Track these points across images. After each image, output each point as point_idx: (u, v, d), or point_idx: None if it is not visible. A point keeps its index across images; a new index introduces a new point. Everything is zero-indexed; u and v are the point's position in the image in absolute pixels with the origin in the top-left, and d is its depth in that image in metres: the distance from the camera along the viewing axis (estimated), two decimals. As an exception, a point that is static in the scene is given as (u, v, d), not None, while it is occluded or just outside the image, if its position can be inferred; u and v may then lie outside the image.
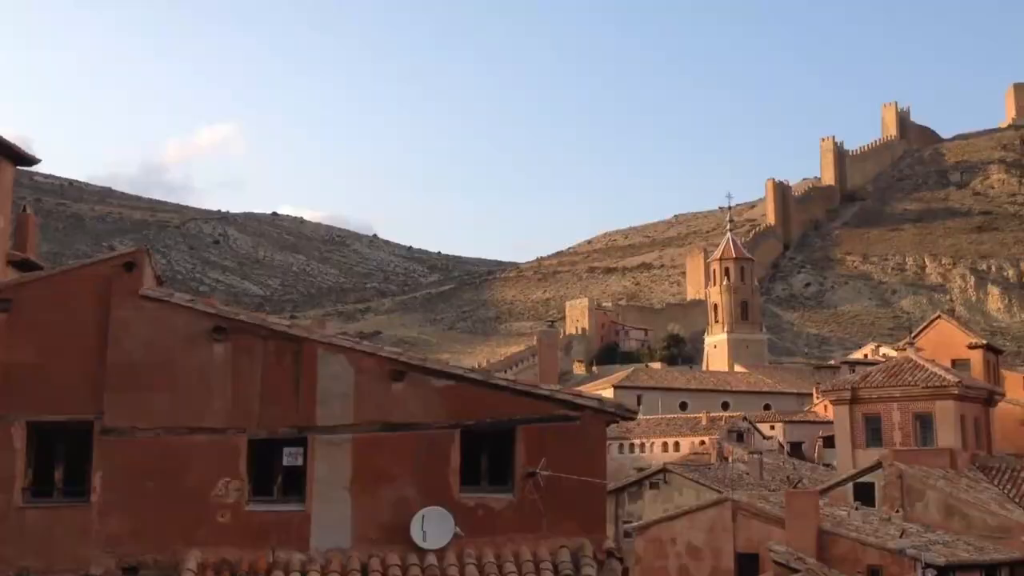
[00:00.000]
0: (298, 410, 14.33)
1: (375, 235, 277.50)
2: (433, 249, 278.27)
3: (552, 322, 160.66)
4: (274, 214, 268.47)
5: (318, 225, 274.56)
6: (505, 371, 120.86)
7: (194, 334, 14.50)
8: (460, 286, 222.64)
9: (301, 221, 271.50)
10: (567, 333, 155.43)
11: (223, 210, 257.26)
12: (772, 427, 70.67)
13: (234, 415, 14.31)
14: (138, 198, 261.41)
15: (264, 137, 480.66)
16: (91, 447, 14.30)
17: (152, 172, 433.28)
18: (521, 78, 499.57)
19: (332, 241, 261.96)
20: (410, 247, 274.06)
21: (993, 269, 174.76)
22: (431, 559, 13.84)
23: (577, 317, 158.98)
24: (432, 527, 13.84)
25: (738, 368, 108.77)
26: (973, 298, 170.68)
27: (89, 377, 14.37)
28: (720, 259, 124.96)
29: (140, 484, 14.16)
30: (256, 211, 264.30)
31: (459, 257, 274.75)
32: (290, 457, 14.30)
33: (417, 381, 14.46)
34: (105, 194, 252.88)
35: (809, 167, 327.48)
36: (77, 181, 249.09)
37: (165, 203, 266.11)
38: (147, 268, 14.89)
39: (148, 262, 14.95)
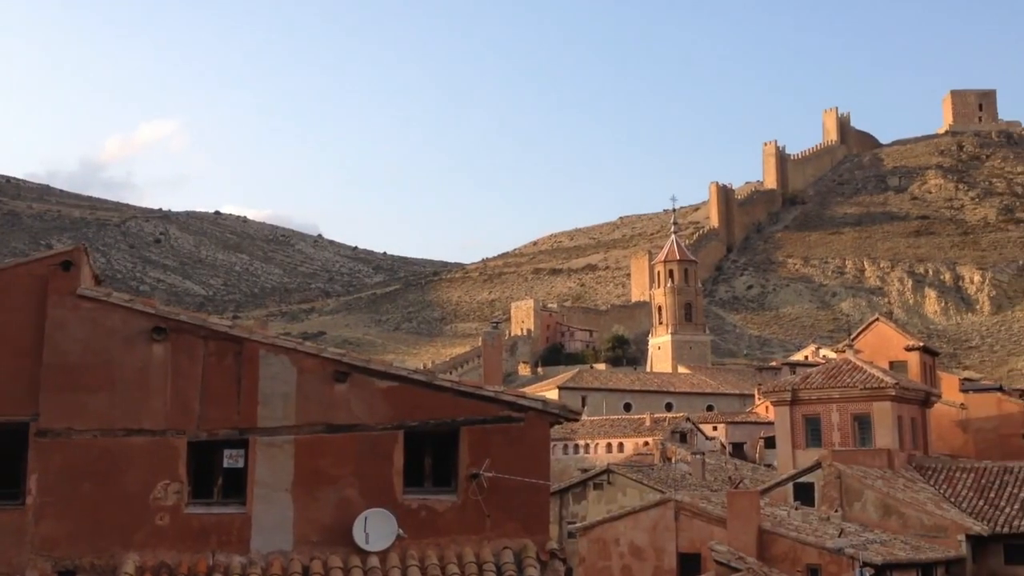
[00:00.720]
0: (239, 411, 14.17)
1: (320, 235, 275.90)
2: (379, 249, 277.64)
3: (497, 323, 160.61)
4: (217, 213, 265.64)
5: (262, 224, 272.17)
6: (450, 372, 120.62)
7: (133, 334, 14.28)
8: (405, 287, 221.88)
9: (244, 220, 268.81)
10: (512, 334, 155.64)
11: (164, 208, 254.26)
12: (715, 428, 71.25)
13: (173, 416, 14.12)
14: (77, 196, 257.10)
15: (207, 135, 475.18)
16: (26, 449, 14.01)
17: (92, 169, 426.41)
18: (467, 79, 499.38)
19: (276, 240, 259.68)
20: (355, 247, 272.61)
21: (930, 272, 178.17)
22: (373, 561, 13.77)
23: (522, 318, 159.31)
24: (375, 529, 13.76)
25: (682, 369, 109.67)
26: (911, 301, 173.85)
27: (24, 377, 14.08)
28: (664, 261, 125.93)
29: (77, 486, 13.91)
30: (198, 210, 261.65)
31: (405, 258, 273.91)
32: (230, 459, 14.14)
33: (360, 382, 14.37)
34: (43, 191, 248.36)
35: (752, 171, 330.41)
36: (14, 178, 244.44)
37: (105, 201, 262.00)
38: (85, 267, 14.64)
39: (86, 261, 14.70)
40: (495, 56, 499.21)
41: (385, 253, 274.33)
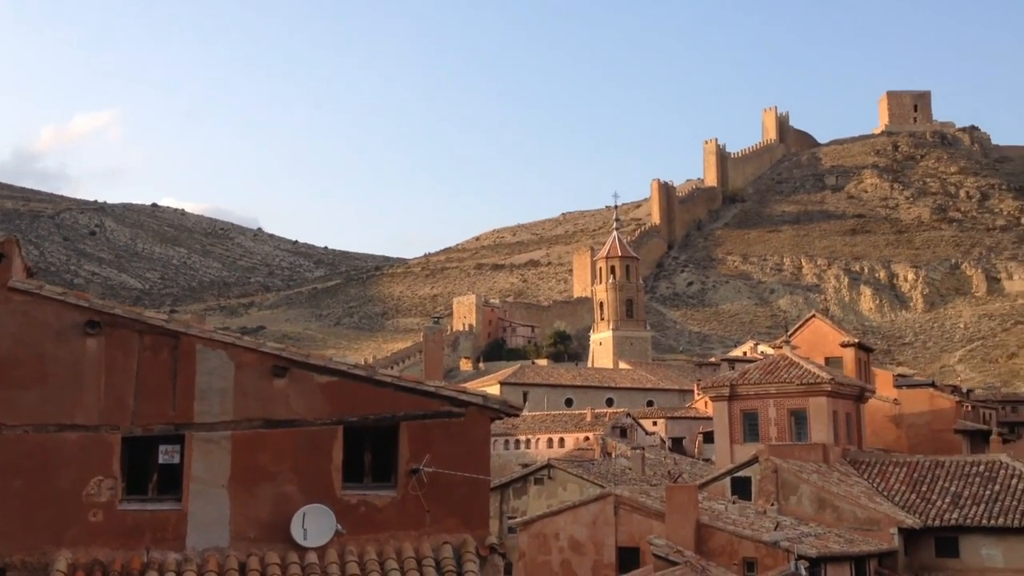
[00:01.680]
0: (175, 407, 13.97)
1: (260, 228, 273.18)
2: (319, 243, 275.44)
3: (438, 318, 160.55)
4: (154, 205, 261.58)
5: (200, 217, 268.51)
6: (391, 367, 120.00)
7: (66, 328, 14.01)
8: (347, 281, 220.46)
9: (182, 213, 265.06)
10: (454, 330, 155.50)
11: (100, 200, 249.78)
12: (655, 423, 71.79)
13: (107, 412, 13.87)
14: (9, 187, 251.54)
15: (144, 126, 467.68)
16: (-46, 445, 13.67)
17: (25, 160, 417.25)
18: (410, 74, 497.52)
19: (215, 234, 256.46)
20: (296, 241, 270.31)
21: (865, 270, 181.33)
22: (312, 557, 13.66)
23: (464, 314, 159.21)
24: (313, 525, 13.66)
25: (622, 365, 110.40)
26: (846, 298, 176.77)
27: (-48, 372, 13.75)
28: (606, 257, 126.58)
29: (7, 483, 13.61)
30: (135, 202, 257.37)
31: (346, 252, 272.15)
32: (166, 455, 13.94)
33: (299, 377, 14.24)
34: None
35: (693, 168, 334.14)
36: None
37: (38, 192, 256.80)
38: (17, 259, 14.31)
39: (18, 253, 14.38)
40: (439, 51, 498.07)
41: (326, 247, 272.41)
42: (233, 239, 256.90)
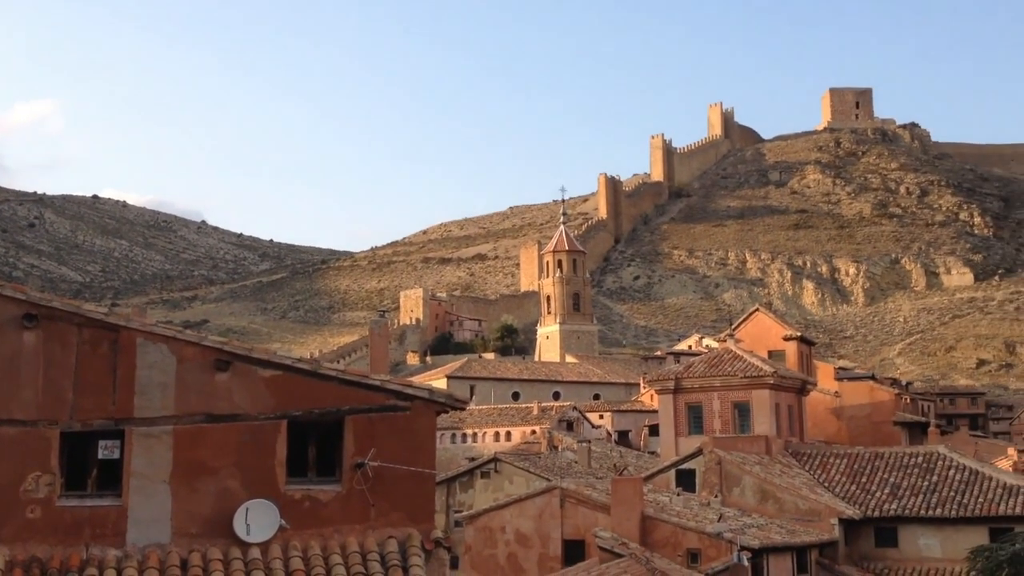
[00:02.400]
0: (115, 401, 13.76)
1: (204, 221, 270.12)
2: (265, 236, 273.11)
3: (384, 312, 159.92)
4: (95, 197, 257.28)
5: (142, 209, 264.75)
6: (338, 361, 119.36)
7: (3, 321, 13.73)
8: (293, 275, 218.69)
9: (124, 205, 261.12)
10: (401, 323, 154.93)
11: (39, 192, 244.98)
12: (601, 416, 72.17)
13: (45, 406, 13.62)
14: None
15: (85, 115, 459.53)
16: None
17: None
18: (358, 64, 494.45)
19: (157, 226, 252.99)
20: (240, 234, 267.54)
21: (808, 265, 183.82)
22: (255, 553, 13.55)
23: (411, 307, 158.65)
24: (256, 520, 13.54)
25: (569, 359, 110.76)
26: (789, 292, 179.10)
27: None
28: (553, 251, 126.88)
29: (-59, 480, 13.32)
30: (75, 193, 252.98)
31: (292, 245, 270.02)
32: (106, 450, 13.73)
33: (242, 371, 14.10)
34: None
35: (640, 163, 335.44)
36: None
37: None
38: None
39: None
40: (387, 43, 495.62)
41: (272, 240, 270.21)
42: (176, 232, 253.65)
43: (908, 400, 69.72)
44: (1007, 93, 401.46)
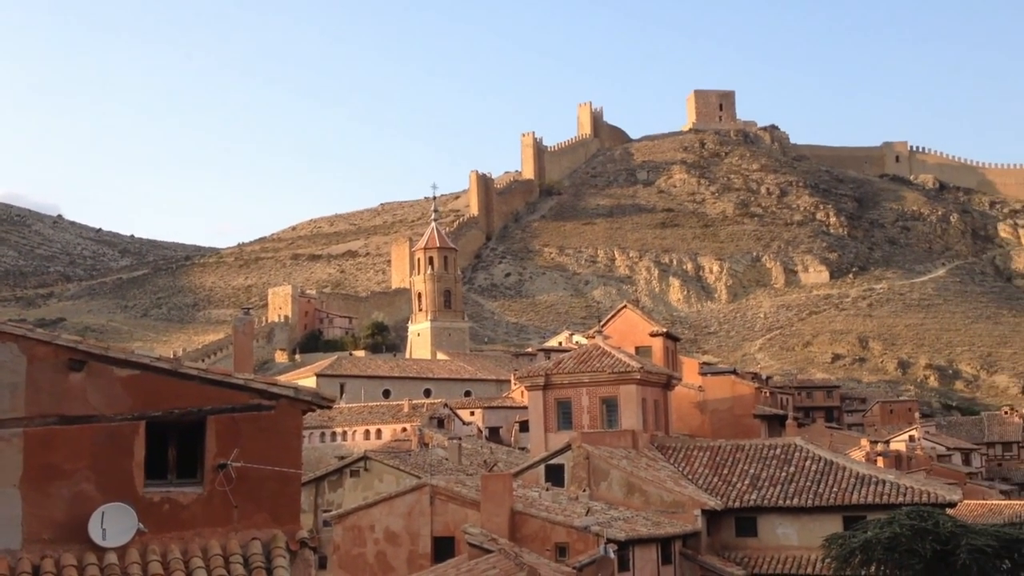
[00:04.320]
0: (-40, 403, 13.11)
1: (60, 215, 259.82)
2: (125, 232, 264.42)
3: (249, 309, 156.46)
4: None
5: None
6: (202, 360, 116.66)
7: None
8: (155, 271, 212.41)
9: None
10: (269, 321, 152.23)
11: None
12: (472, 413, 72.37)
13: None
14: None
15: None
16: None
17: None
18: (226, 55, 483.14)
19: (10, 221, 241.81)
20: (99, 229, 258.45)
21: (674, 263, 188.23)
22: (111, 558, 13.11)
23: (280, 305, 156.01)
24: (112, 524, 13.10)
25: (440, 356, 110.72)
26: (656, 289, 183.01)
27: None
28: (425, 248, 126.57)
29: None
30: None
31: (154, 241, 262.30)
32: (-50, 455, 13.07)
33: (98, 371, 13.61)
34: None
35: (511, 161, 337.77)
36: None
37: None
38: None
39: None
40: (255, 31, 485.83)
41: (132, 236, 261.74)
42: (30, 226, 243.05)
43: (768, 394, 72.17)
44: (861, 98, 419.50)
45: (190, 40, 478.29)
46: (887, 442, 76.29)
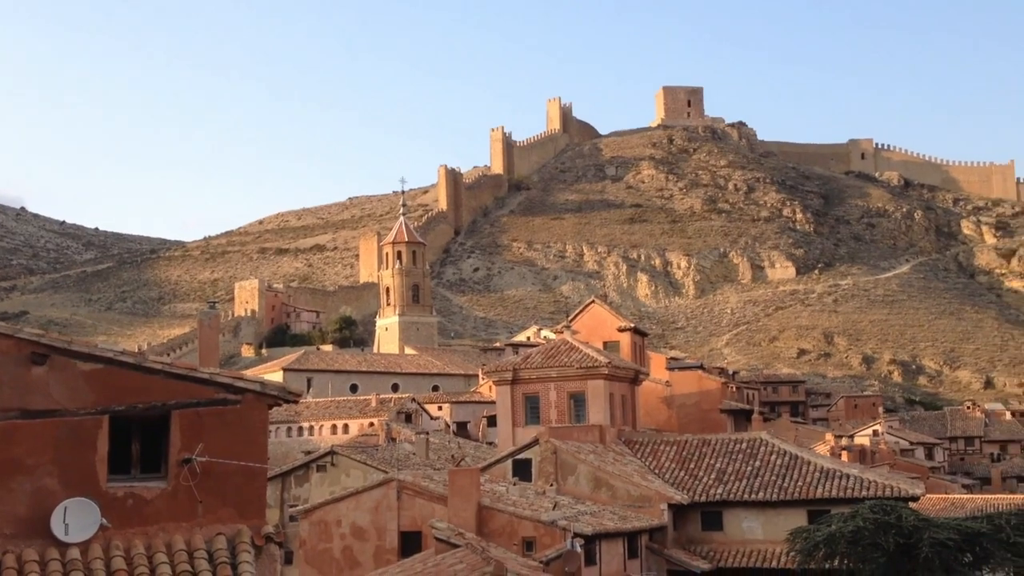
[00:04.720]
0: (-81, 397, 12.94)
1: (23, 208, 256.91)
2: (90, 224, 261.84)
3: (214, 303, 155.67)
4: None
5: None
6: (168, 354, 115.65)
7: None
8: (120, 264, 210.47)
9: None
10: (236, 315, 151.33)
11: None
12: (440, 408, 72.29)
13: None
14: None
15: None
16: None
17: None
18: (192, 46, 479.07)
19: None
20: (63, 222, 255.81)
21: (642, 258, 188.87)
22: (74, 553, 12.98)
23: (247, 299, 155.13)
24: (75, 519, 12.98)
25: (408, 350, 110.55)
26: (624, 284, 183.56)
27: None
28: (393, 243, 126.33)
29: None
30: None
31: (119, 234, 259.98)
32: (-92, 450, 12.89)
33: (61, 364, 13.46)
34: None
35: (480, 156, 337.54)
36: None
37: None
38: None
39: None
40: (222, 24, 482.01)
41: (97, 229, 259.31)
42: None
43: (734, 388, 72.62)
44: (827, 95, 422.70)
45: (154, 33, 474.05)
46: (851, 436, 77.07)
